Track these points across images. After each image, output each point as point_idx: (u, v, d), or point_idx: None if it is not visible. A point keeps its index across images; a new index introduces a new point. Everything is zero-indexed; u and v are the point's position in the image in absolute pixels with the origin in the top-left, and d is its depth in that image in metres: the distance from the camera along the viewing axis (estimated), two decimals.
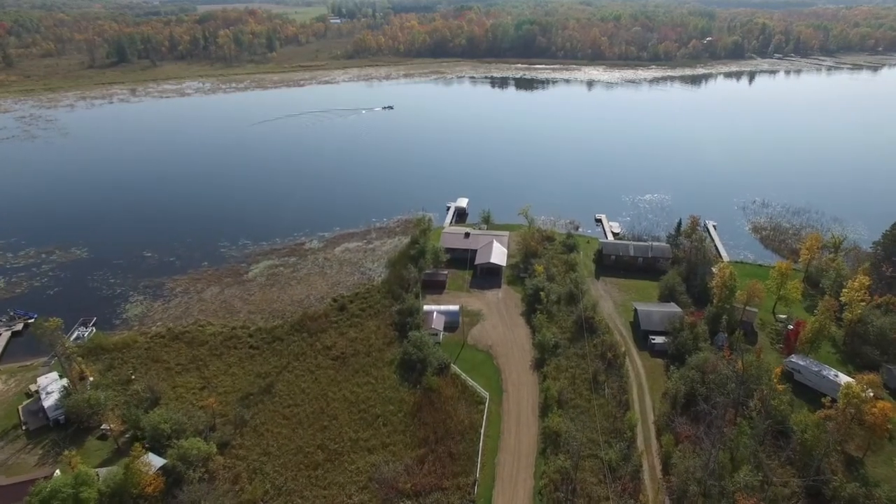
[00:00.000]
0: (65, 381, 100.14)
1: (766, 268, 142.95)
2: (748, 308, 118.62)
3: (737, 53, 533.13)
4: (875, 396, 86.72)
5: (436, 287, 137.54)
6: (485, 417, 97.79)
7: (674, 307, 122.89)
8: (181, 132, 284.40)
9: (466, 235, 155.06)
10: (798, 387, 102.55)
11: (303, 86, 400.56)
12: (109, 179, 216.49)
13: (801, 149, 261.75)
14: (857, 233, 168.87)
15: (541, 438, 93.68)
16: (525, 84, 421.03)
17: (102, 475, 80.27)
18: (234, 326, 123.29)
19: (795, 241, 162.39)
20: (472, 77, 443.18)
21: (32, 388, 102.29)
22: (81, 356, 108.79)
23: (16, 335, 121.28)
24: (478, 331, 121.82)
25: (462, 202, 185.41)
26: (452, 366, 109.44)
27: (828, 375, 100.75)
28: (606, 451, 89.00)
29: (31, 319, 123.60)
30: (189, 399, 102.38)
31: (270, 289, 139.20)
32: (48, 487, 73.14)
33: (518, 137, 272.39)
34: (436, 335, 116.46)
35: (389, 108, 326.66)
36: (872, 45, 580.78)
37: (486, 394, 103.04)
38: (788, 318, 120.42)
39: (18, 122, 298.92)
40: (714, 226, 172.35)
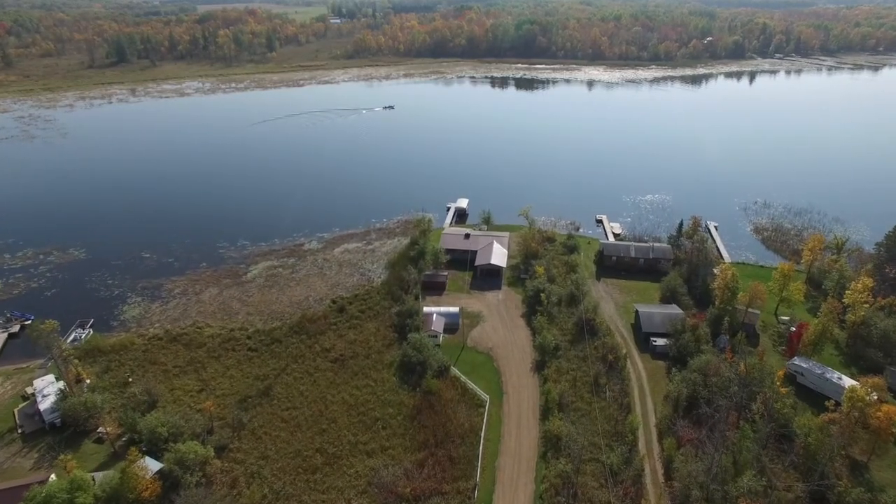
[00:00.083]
0: (61, 384, 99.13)
1: (768, 269, 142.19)
2: (750, 310, 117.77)
3: (737, 53, 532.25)
4: (879, 400, 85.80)
5: (436, 288, 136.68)
6: (485, 420, 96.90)
7: (675, 309, 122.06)
8: (180, 132, 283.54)
9: (466, 236, 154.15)
10: (801, 389, 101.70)
11: (302, 86, 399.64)
12: (108, 180, 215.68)
13: (803, 149, 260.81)
14: (860, 233, 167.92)
15: (541, 442, 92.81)
16: (525, 84, 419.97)
17: (98, 480, 79.43)
18: (233, 328, 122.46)
19: (797, 242, 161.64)
20: (473, 77, 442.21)
21: (28, 391, 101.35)
22: (78, 358, 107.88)
23: (13, 337, 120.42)
24: (478, 333, 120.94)
25: (462, 203, 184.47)
26: (452, 368, 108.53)
27: (831, 378, 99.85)
28: (608, 455, 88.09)
29: (28, 321, 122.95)
30: (187, 402, 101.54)
31: (269, 290, 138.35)
32: (43, 493, 72.39)
33: (518, 137, 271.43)
34: (435, 337, 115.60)
35: (390, 108, 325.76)
36: (873, 45, 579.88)
37: (487, 396, 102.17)
38: (791, 320, 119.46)
39: (17, 122, 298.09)
40: (715, 226, 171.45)
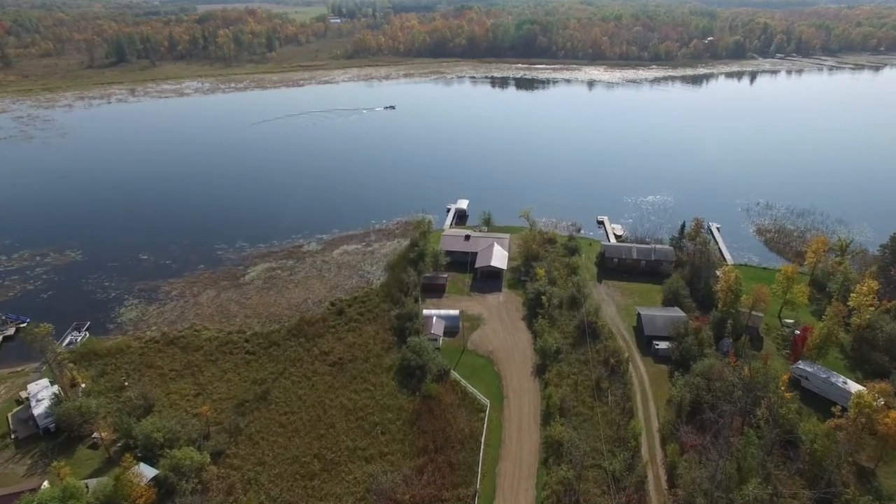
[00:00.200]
0: (56, 388, 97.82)
1: (771, 271, 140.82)
2: (754, 313, 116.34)
3: (738, 53, 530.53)
4: (886, 405, 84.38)
5: (435, 291, 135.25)
6: (485, 425, 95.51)
7: (678, 312, 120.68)
8: (179, 132, 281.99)
9: (467, 238, 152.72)
10: (805, 394, 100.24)
11: (302, 86, 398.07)
12: (106, 180, 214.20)
13: (805, 149, 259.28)
14: (863, 235, 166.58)
15: (543, 447, 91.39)
16: (526, 84, 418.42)
17: (92, 487, 77.95)
18: (230, 331, 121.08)
19: (800, 244, 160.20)
20: (473, 77, 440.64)
21: (23, 395, 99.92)
22: (74, 362, 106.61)
23: (7, 340, 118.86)
24: (478, 336, 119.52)
25: (462, 204, 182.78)
26: (452, 372, 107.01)
27: (836, 382, 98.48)
28: (610, 461, 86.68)
29: (24, 323, 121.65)
30: (183, 406, 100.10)
31: (267, 292, 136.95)
32: (35, 501, 70.94)
33: (519, 138, 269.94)
34: (435, 340, 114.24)
35: (391, 108, 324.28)
36: (874, 45, 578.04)
37: (487, 401, 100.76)
38: (795, 323, 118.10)
39: (16, 123, 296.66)
40: (718, 228, 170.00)
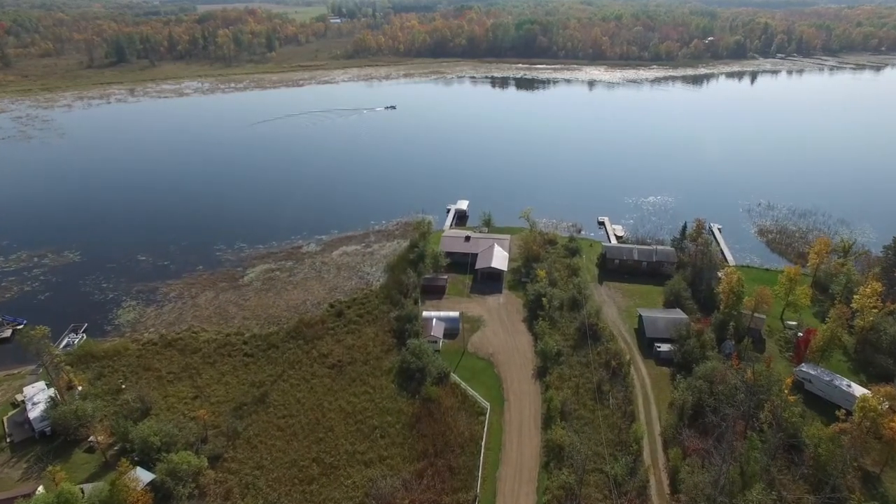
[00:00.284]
0: (52, 391, 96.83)
1: (773, 272, 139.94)
2: (756, 315, 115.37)
3: (739, 53, 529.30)
4: (891, 409, 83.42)
5: (435, 292, 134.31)
6: (485, 429, 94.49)
7: (679, 313, 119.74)
8: (179, 133, 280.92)
9: (467, 239, 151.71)
10: (808, 397, 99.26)
11: (302, 86, 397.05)
12: (105, 181, 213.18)
13: (806, 150, 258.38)
14: (865, 235, 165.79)
15: (543, 451, 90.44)
16: (526, 84, 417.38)
17: (87, 492, 77.05)
18: (229, 333, 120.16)
19: (802, 245, 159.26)
20: (473, 77, 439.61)
21: (18, 398, 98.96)
22: (70, 364, 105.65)
23: (4, 342, 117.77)
24: (478, 338, 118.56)
25: (462, 204, 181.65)
26: (452, 374, 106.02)
27: (840, 385, 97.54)
28: (612, 465, 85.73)
29: (21, 325, 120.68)
30: (181, 409, 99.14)
31: (266, 294, 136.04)
32: None
33: (519, 138, 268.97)
34: (435, 343, 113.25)
35: (392, 108, 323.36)
36: (875, 45, 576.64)
37: (487, 404, 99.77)
38: (798, 326, 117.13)
39: (15, 123, 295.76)
40: (719, 228, 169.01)
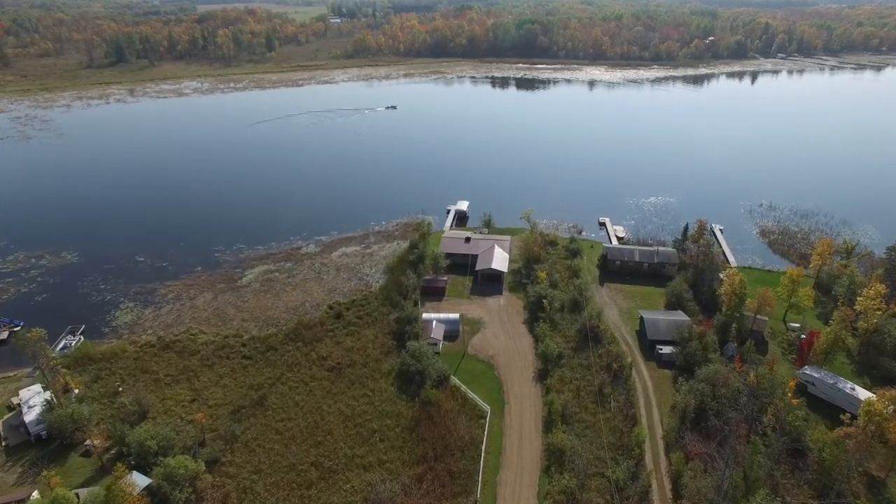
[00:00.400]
0: (48, 394, 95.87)
1: (775, 273, 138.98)
2: (759, 317, 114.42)
3: (739, 53, 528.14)
4: None
5: (435, 294, 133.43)
6: (486, 433, 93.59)
7: (681, 315, 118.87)
8: (178, 133, 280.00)
9: (467, 240, 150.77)
10: (811, 400, 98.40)
11: (301, 86, 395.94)
12: (104, 181, 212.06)
13: (807, 150, 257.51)
14: (868, 236, 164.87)
15: (544, 455, 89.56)
16: (526, 84, 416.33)
17: (83, 497, 76.18)
18: (227, 335, 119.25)
19: (804, 246, 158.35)
20: (473, 77, 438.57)
21: (14, 401, 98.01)
22: (67, 367, 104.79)
23: (0, 344, 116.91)
24: (479, 340, 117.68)
25: (462, 205, 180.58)
26: (452, 377, 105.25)
27: (844, 388, 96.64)
28: (613, 470, 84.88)
29: (17, 327, 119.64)
30: (178, 412, 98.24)
31: (265, 295, 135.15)
32: None
33: (519, 138, 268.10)
34: (435, 345, 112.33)
35: (393, 108, 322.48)
36: (876, 45, 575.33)
37: (488, 407, 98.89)
38: (802, 328, 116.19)
39: (13, 123, 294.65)
40: (721, 229, 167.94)
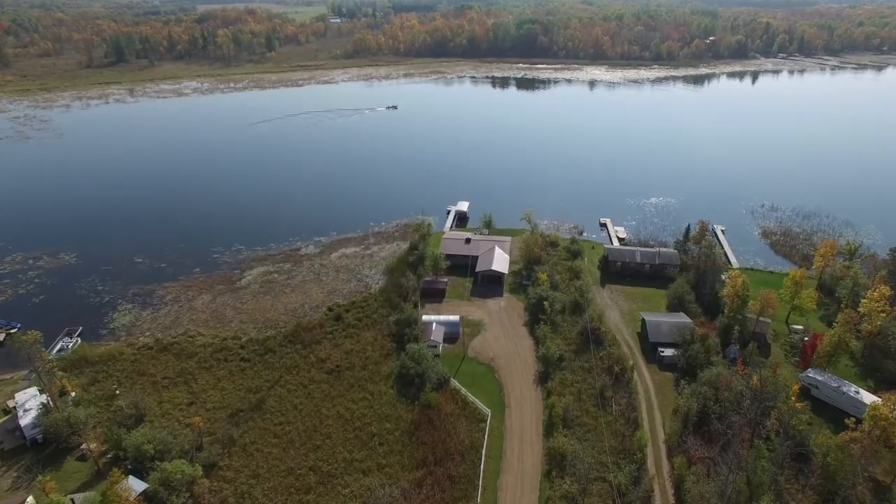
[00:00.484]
0: (44, 397, 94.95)
1: (778, 275, 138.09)
2: (761, 318, 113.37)
3: (740, 53, 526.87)
4: None
5: (435, 295, 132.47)
6: (486, 436, 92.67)
7: (683, 317, 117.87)
8: (177, 133, 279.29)
9: (467, 241, 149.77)
10: (815, 403, 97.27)
11: (301, 86, 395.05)
12: (103, 182, 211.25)
13: (809, 150, 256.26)
14: (871, 237, 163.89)
15: (545, 459, 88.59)
16: (526, 84, 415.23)
17: (78, 502, 75.27)
18: (225, 337, 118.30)
19: (807, 247, 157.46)
20: (473, 77, 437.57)
21: (10, 404, 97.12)
22: (64, 369, 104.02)
23: None
24: (479, 342, 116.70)
25: (463, 206, 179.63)
26: (452, 380, 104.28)
27: (848, 392, 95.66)
28: (615, 475, 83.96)
29: (15, 329, 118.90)
30: (176, 416, 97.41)
31: (264, 297, 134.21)
32: None
33: (520, 138, 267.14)
34: (435, 347, 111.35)
35: (393, 108, 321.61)
36: (877, 45, 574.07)
37: (488, 410, 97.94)
38: (804, 330, 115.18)
39: (12, 123, 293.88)
40: (722, 230, 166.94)
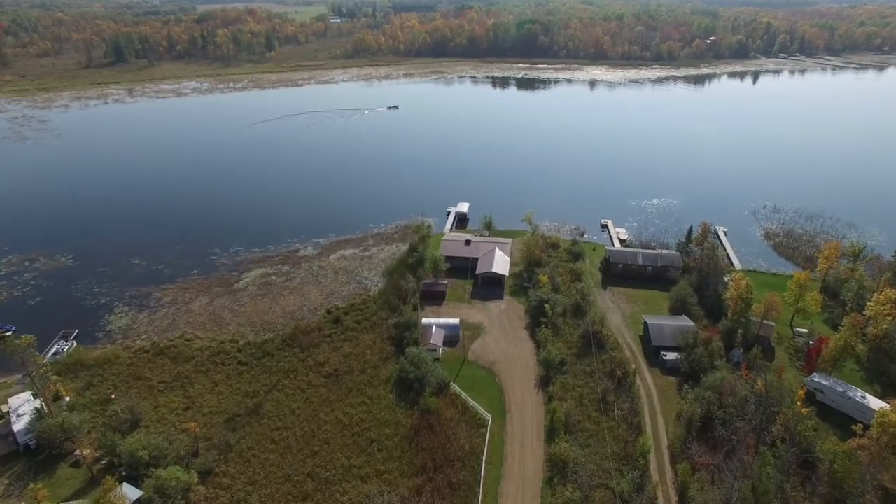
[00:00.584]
0: (38, 402, 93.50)
1: (781, 277, 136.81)
2: (765, 322, 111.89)
3: (741, 53, 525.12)
4: None
5: (435, 298, 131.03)
6: (487, 442, 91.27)
7: (686, 321, 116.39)
8: (176, 133, 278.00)
9: (467, 243, 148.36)
10: (820, 408, 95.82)
11: (301, 86, 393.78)
12: (101, 182, 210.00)
13: (811, 151, 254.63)
14: (875, 239, 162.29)
15: (547, 466, 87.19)
16: (527, 84, 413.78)
17: None
18: (223, 340, 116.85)
19: (810, 248, 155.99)
20: (473, 77, 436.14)
21: (3, 409, 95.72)
22: (59, 373, 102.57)
23: None
24: (479, 346, 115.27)
25: (463, 207, 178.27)
26: (452, 384, 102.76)
27: (854, 397, 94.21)
28: (618, 481, 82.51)
29: (9, 332, 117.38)
30: (171, 421, 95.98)
31: (262, 299, 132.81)
32: None
33: (520, 139, 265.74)
34: (435, 351, 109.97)
35: (394, 108, 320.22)
36: (878, 45, 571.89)
37: (489, 415, 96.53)
38: (809, 333, 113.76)
39: (11, 123, 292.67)
40: (724, 232, 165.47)
